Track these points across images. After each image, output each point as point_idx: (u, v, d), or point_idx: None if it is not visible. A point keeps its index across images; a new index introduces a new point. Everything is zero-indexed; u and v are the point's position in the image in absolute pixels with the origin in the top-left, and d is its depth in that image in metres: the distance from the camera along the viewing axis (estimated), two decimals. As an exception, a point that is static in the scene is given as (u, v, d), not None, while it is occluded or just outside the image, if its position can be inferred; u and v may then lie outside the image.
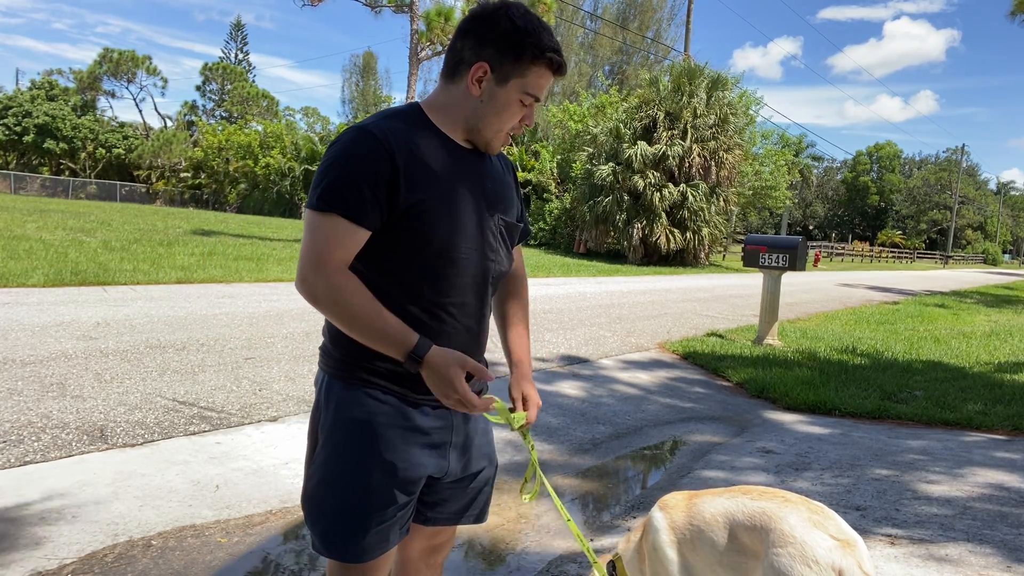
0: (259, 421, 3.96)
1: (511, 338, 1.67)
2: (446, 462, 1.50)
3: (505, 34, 1.38)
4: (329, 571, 1.52)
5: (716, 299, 13.07)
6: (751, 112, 26.68)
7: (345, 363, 1.44)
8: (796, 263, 7.45)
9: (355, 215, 1.31)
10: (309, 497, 1.47)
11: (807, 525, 1.50)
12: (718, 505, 1.67)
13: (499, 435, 4.05)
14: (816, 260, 34.98)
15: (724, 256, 29.74)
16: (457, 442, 1.52)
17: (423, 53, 16.65)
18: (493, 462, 1.67)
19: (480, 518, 1.68)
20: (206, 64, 59.09)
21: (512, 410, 1.58)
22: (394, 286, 1.39)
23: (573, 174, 26.29)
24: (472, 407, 1.36)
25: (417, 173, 1.35)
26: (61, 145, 49.11)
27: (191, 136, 54.06)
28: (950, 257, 59.97)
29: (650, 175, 22.38)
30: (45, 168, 50.30)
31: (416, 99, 17.45)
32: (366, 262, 1.38)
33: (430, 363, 1.33)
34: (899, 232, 70.30)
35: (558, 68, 1.41)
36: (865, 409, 5.19)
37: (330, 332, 1.48)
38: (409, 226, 1.36)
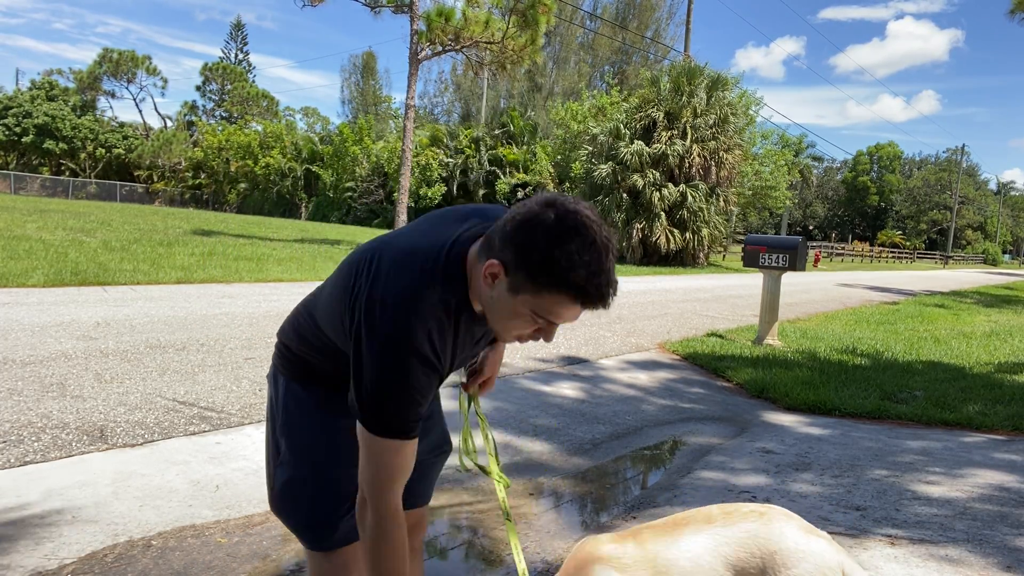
0: (259, 421, 3.96)
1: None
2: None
3: (527, 247, 1.21)
4: (310, 564, 1.54)
5: (716, 299, 13.07)
6: (751, 112, 26.68)
7: (302, 368, 1.51)
8: (796, 263, 7.45)
9: (413, 433, 1.31)
10: (279, 495, 1.51)
11: (803, 534, 1.43)
12: (695, 546, 1.43)
13: (495, 436, 4.04)
14: (816, 260, 34.98)
15: (724, 256, 29.74)
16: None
17: (423, 53, 16.65)
18: (444, 447, 1.76)
19: (427, 498, 1.78)
20: (206, 64, 59.13)
21: (464, 387, 1.69)
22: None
23: (573, 174, 26.29)
24: None
25: (447, 361, 1.36)
26: (61, 145, 49.10)
27: (191, 136, 54.06)
28: (950, 257, 59.97)
29: (649, 174, 22.38)
30: (45, 168, 50.30)
31: (416, 99, 17.45)
32: (322, 343, 1.46)
33: None
34: (899, 232, 70.30)
35: (586, 301, 1.23)
36: (865, 409, 5.19)
37: (287, 334, 1.55)
38: None
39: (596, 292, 1.22)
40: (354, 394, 1.28)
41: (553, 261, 1.18)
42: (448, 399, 2.45)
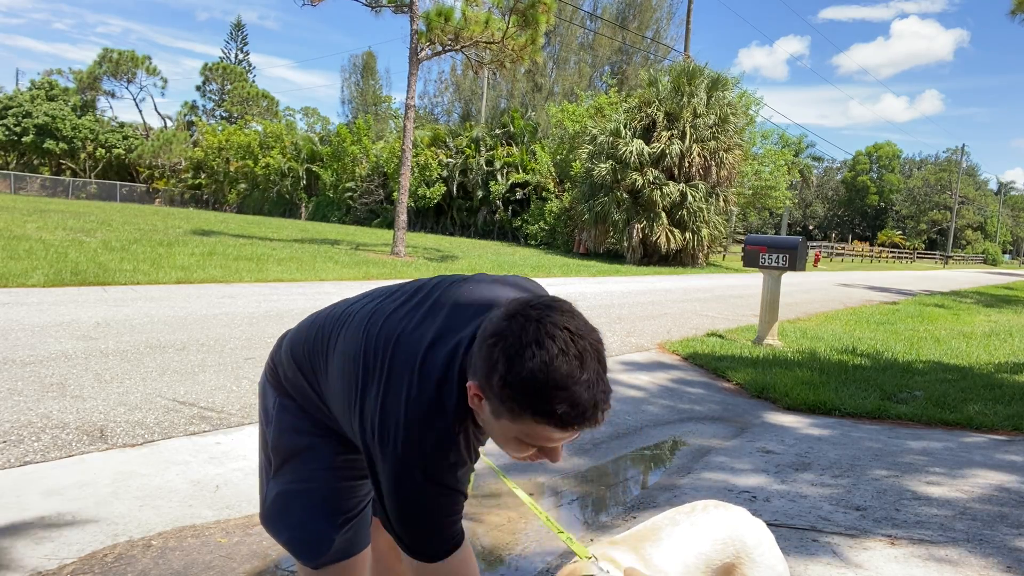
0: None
1: None
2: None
3: (490, 371, 1.07)
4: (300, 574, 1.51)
5: (716, 299, 13.07)
6: (751, 112, 26.69)
7: (292, 386, 1.45)
8: (796, 263, 7.44)
9: (461, 539, 1.26)
10: (269, 510, 1.44)
11: (752, 517, 1.57)
12: (680, 549, 1.45)
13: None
14: (816, 260, 34.98)
15: (724, 256, 29.74)
16: None
17: (423, 53, 16.64)
18: None
19: None
20: (206, 64, 59.16)
21: None
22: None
23: (572, 173, 26.30)
24: None
25: None
26: (61, 145, 49.11)
27: (191, 136, 54.07)
28: (950, 257, 59.98)
29: (649, 173, 22.38)
30: (45, 168, 50.32)
31: (416, 99, 17.45)
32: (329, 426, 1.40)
33: None
34: (899, 232, 70.30)
35: (567, 425, 1.07)
36: (865, 409, 5.19)
37: (284, 366, 1.47)
38: None
39: (576, 414, 1.05)
40: (385, 516, 1.22)
41: (518, 386, 1.03)
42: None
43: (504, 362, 1.03)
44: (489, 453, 1.70)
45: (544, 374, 1.02)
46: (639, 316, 9.73)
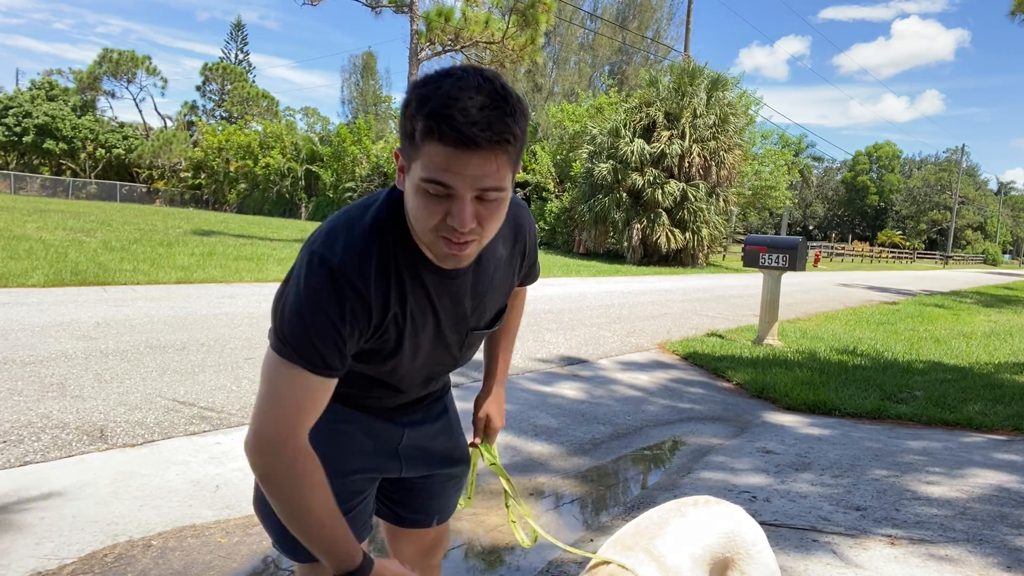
0: (259, 421, 3.96)
1: (492, 351, 1.65)
2: (397, 464, 1.47)
3: (404, 105, 1.06)
4: (297, 572, 1.46)
5: (716, 299, 13.07)
6: (751, 112, 26.70)
7: None
8: (796, 263, 7.45)
9: (329, 371, 1.14)
10: (259, 500, 1.36)
11: (746, 514, 1.61)
12: (686, 544, 1.46)
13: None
14: (816, 260, 34.99)
15: (724, 256, 29.74)
16: (409, 447, 1.48)
17: (423, 53, 16.65)
18: (454, 461, 1.57)
19: (445, 516, 1.65)
20: (206, 64, 59.16)
21: (473, 444, 1.62)
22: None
23: (572, 173, 26.29)
24: None
25: (393, 320, 1.19)
26: (61, 145, 49.11)
27: (191, 136, 54.08)
28: (950, 257, 59.99)
29: (649, 173, 22.38)
30: (45, 168, 50.33)
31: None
32: None
33: None
34: (899, 232, 70.31)
35: (460, 142, 0.99)
36: (865, 409, 5.19)
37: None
38: (369, 360, 1.24)
39: (466, 122, 0.98)
40: (273, 324, 1.15)
41: (414, 102, 1.03)
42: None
43: (411, 91, 1.05)
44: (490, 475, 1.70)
45: (438, 90, 1.01)
46: (639, 316, 9.73)
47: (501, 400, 1.65)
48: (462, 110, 0.99)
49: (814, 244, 43.25)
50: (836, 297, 15.80)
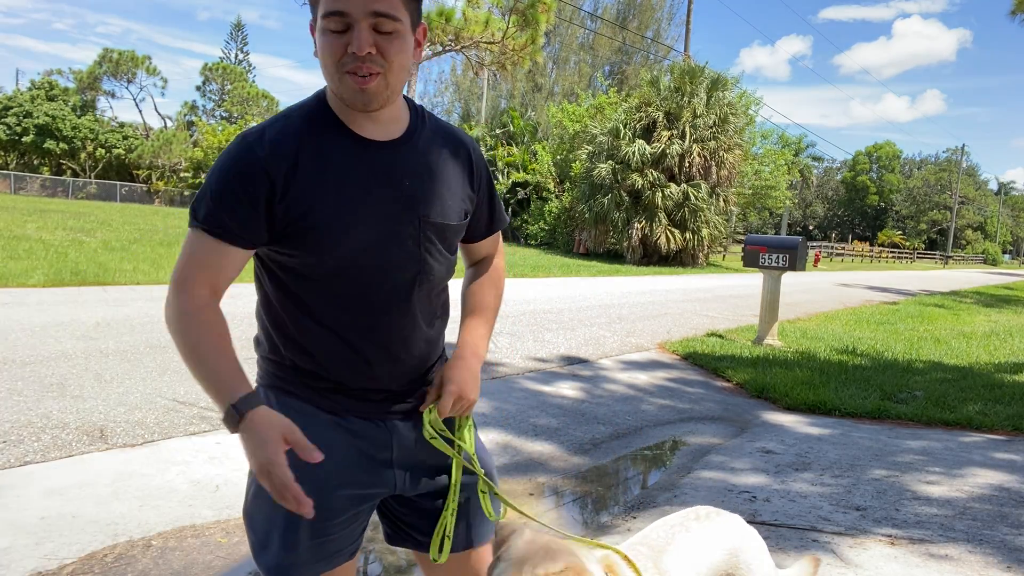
0: (259, 421, 3.96)
1: (462, 323, 1.48)
2: (389, 478, 1.34)
3: None
4: None
5: (716, 299, 13.07)
6: (751, 112, 26.70)
7: (272, 374, 1.34)
8: (796, 263, 7.45)
9: (223, 233, 1.19)
10: (246, 511, 1.33)
11: (745, 524, 1.64)
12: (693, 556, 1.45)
13: (490, 437, 4.04)
14: (816, 260, 34.98)
15: (724, 256, 29.74)
16: (401, 459, 1.35)
17: (423, 53, 16.67)
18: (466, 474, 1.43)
19: (482, 537, 1.47)
20: (206, 64, 59.11)
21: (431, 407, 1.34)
22: (301, 309, 1.27)
23: (573, 173, 26.30)
24: (284, 493, 1.09)
25: (300, 185, 1.20)
26: (61, 145, 49.10)
27: (191, 136, 54.06)
28: (950, 257, 60.00)
29: (649, 173, 22.39)
30: (45, 168, 50.32)
31: (416, 99, 17.42)
32: (274, 286, 1.29)
33: (250, 423, 1.12)
34: (899, 232, 70.31)
35: None
36: (865, 409, 5.19)
37: (259, 341, 1.38)
38: (298, 243, 1.22)
39: None
40: None
41: None
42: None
43: None
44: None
45: None
46: (639, 316, 9.73)
47: (474, 370, 1.38)
48: None
49: (814, 244, 43.25)
50: (836, 297, 15.80)
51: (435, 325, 1.40)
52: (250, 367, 1.26)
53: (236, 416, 1.12)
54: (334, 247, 1.22)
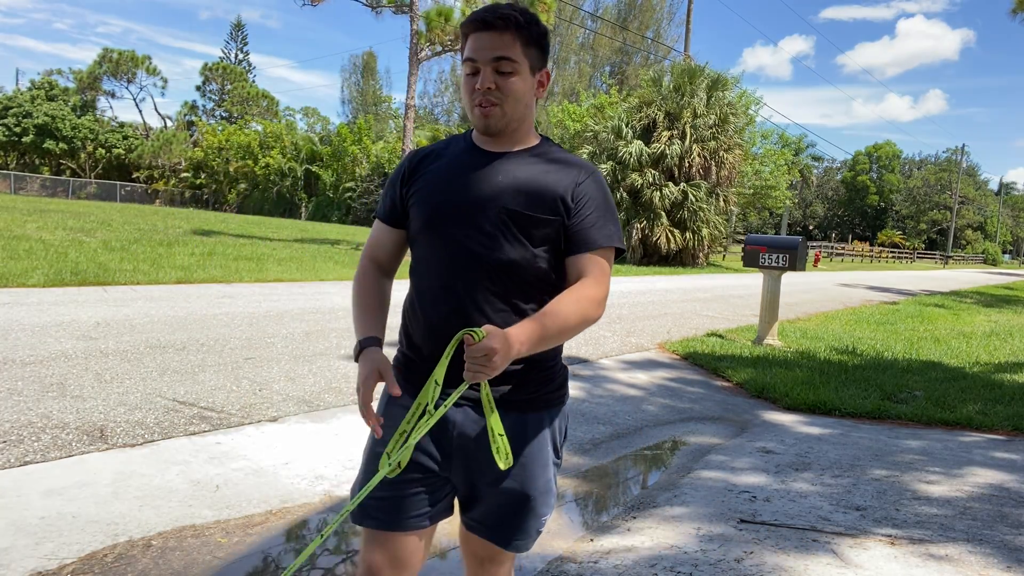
0: (259, 421, 3.97)
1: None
2: (436, 457, 1.50)
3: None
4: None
5: (716, 299, 13.07)
6: (751, 112, 26.70)
7: (395, 357, 1.63)
8: (796, 263, 7.45)
9: (380, 214, 1.65)
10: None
11: None
12: None
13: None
14: (816, 260, 34.97)
15: (724, 256, 29.74)
16: (454, 443, 1.49)
17: (423, 53, 16.65)
18: (513, 488, 1.51)
19: (507, 542, 1.56)
20: (206, 64, 59.10)
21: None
22: (412, 275, 1.59)
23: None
24: (363, 410, 1.46)
25: (421, 171, 1.57)
26: (61, 145, 49.10)
27: (191, 136, 54.06)
28: (950, 257, 59.98)
29: (649, 173, 22.39)
30: (45, 168, 50.31)
31: (416, 99, 17.52)
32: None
33: (362, 356, 1.49)
34: (899, 232, 70.29)
35: (479, 24, 1.47)
36: (865, 409, 5.19)
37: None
38: (407, 210, 1.58)
39: (476, 12, 1.48)
40: None
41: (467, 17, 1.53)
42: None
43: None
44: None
45: (484, 9, 1.50)
46: (639, 316, 9.73)
47: (505, 336, 1.33)
48: (483, 9, 1.48)
49: (814, 244, 43.23)
50: (836, 297, 15.80)
51: (508, 313, 1.47)
52: (251, 367, 1.25)
53: (357, 349, 1.51)
54: (423, 209, 1.53)
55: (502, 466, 1.43)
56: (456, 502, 1.61)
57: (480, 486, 1.52)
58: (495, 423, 1.43)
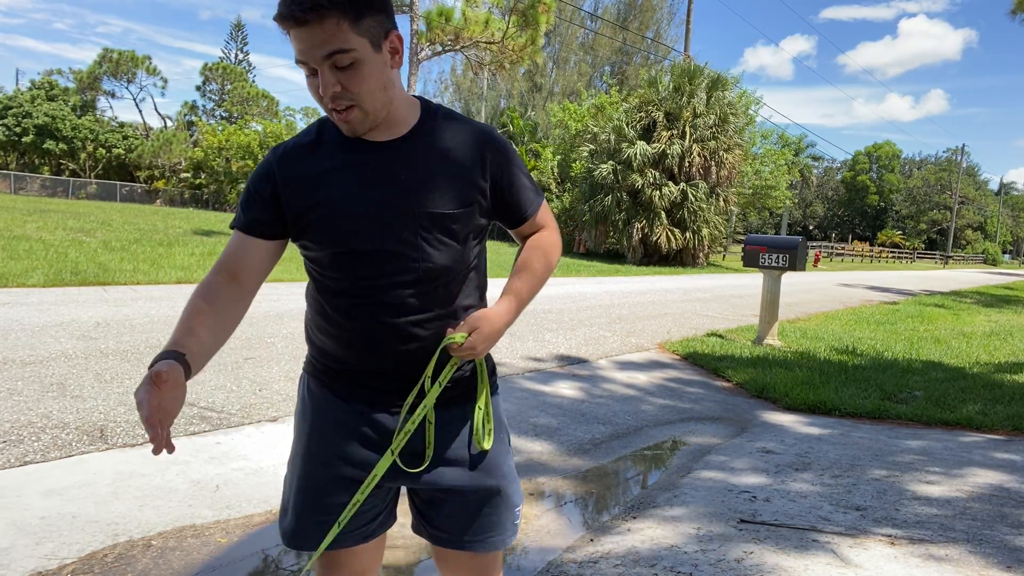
0: (259, 421, 3.97)
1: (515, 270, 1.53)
2: (391, 467, 1.39)
3: None
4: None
5: (716, 299, 13.07)
6: (751, 112, 26.70)
7: (308, 359, 1.52)
8: (796, 263, 7.45)
9: (239, 225, 1.39)
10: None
11: None
12: None
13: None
14: (816, 260, 34.98)
15: (724, 256, 29.74)
16: (406, 449, 1.40)
17: (423, 53, 16.64)
18: (480, 481, 1.46)
19: (479, 545, 1.48)
20: (206, 64, 59.08)
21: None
22: (323, 294, 1.40)
23: (573, 173, 26.30)
24: (145, 427, 1.12)
25: (298, 183, 1.34)
26: (61, 145, 49.08)
27: (191, 136, 54.05)
28: (950, 257, 59.99)
29: (649, 173, 22.39)
30: (45, 168, 50.30)
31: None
32: (309, 276, 1.44)
33: (150, 370, 1.18)
34: (899, 232, 70.30)
35: (290, 21, 1.19)
36: (865, 409, 5.19)
37: (304, 328, 1.53)
38: (309, 236, 1.34)
39: (281, 8, 1.20)
40: None
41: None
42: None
43: None
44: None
45: None
46: (639, 316, 9.73)
47: (491, 314, 1.38)
48: (283, 5, 1.19)
49: (814, 244, 43.24)
50: (836, 297, 15.80)
51: (448, 317, 1.40)
52: (251, 367, 1.26)
53: (151, 364, 1.18)
54: (336, 238, 1.32)
55: (486, 446, 1.44)
56: (414, 518, 1.52)
57: (446, 483, 1.43)
58: (484, 402, 1.46)
